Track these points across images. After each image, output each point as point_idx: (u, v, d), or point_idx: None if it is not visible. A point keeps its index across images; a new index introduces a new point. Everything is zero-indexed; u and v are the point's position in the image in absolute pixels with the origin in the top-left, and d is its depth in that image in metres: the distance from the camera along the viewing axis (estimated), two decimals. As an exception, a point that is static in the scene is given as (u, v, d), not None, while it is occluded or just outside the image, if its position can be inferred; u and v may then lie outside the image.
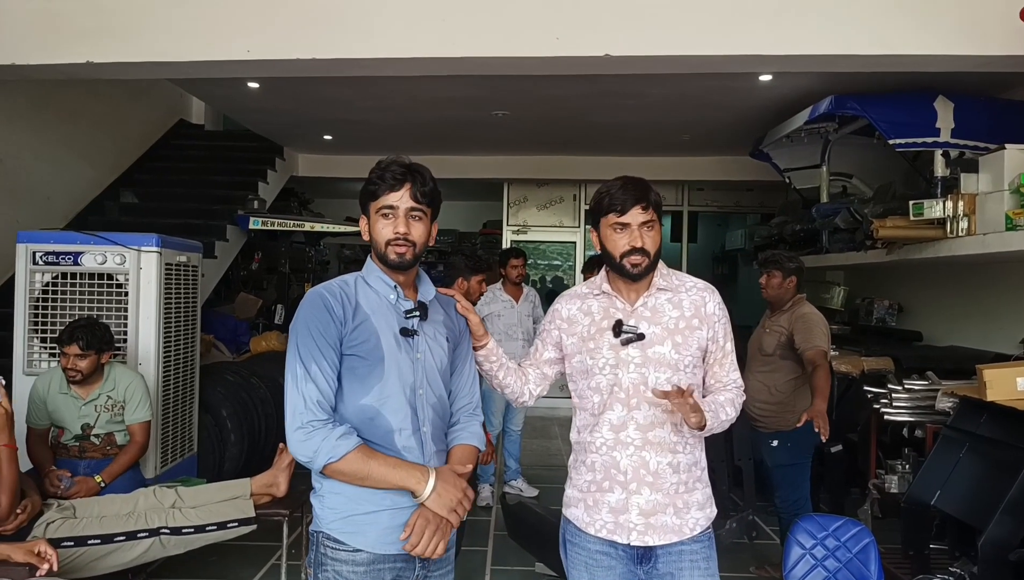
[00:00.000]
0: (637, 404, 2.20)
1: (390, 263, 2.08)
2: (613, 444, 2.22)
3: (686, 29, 4.22)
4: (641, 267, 2.20)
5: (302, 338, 2.00)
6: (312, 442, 1.93)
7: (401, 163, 2.09)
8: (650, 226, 2.21)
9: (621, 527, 2.20)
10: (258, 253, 8.36)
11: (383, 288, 2.11)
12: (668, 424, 2.20)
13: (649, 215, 2.20)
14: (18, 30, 4.34)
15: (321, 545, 2.05)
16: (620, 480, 2.21)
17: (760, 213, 10.74)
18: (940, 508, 3.96)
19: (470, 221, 12.75)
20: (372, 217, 2.10)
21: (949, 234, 4.76)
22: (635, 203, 2.19)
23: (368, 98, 6.77)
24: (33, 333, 4.57)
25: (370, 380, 2.03)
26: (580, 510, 2.29)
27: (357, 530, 2.02)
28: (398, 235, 2.06)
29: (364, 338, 2.03)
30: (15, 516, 3.25)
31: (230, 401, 5.65)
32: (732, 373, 2.33)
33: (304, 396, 1.96)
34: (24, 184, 6.64)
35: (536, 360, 2.42)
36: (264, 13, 4.31)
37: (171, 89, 8.77)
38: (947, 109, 5.34)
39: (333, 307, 2.02)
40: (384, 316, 2.08)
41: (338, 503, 2.03)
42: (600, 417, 2.24)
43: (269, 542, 4.50)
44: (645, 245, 2.19)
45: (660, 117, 7.32)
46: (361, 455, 1.95)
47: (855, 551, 2.95)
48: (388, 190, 2.06)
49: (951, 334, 6.24)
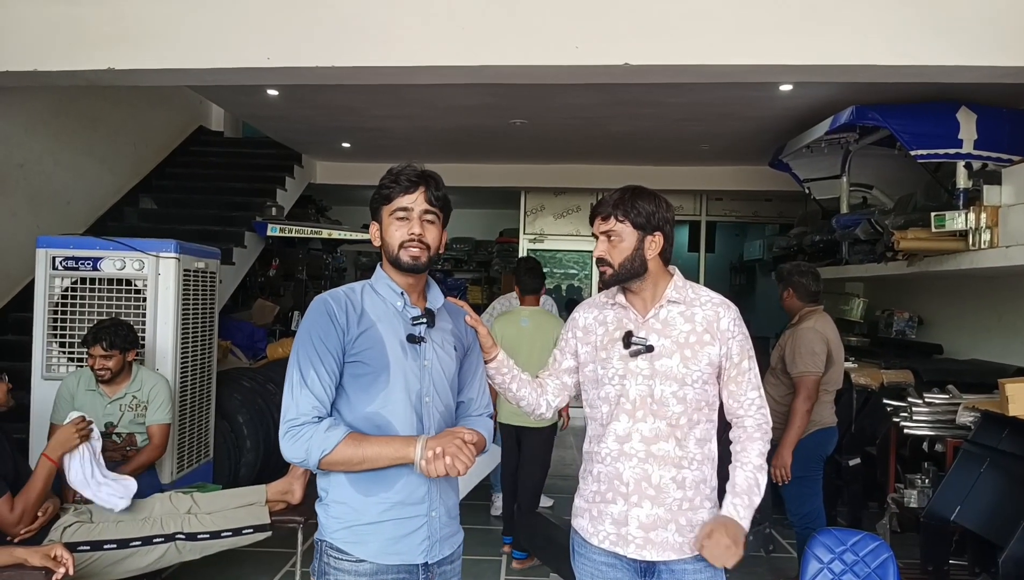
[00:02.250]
0: (643, 416, 2.18)
1: (403, 265, 2.06)
2: (617, 455, 2.20)
3: (706, 38, 4.19)
4: (605, 276, 2.27)
5: (303, 345, 2.01)
6: (301, 441, 1.93)
7: (414, 168, 2.10)
8: (610, 236, 2.24)
9: (622, 539, 2.19)
10: (276, 260, 8.39)
11: (390, 295, 2.10)
12: (673, 439, 2.18)
13: (609, 225, 2.23)
14: (40, 37, 4.38)
15: (324, 554, 2.06)
16: (622, 492, 2.19)
17: (779, 223, 10.69)
18: (960, 523, 3.92)
19: (486, 229, 12.76)
20: (385, 221, 2.10)
21: (971, 246, 4.72)
22: (595, 215, 2.28)
23: (386, 106, 6.79)
24: (52, 338, 4.60)
25: (375, 387, 2.02)
26: (585, 520, 2.28)
27: (360, 540, 2.02)
28: (413, 236, 2.05)
29: (369, 345, 2.02)
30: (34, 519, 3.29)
31: (246, 407, 5.66)
32: (750, 392, 2.25)
33: (297, 402, 1.96)
34: (45, 190, 6.69)
35: (555, 370, 2.42)
36: (284, 21, 4.33)
37: (191, 96, 8.83)
38: (970, 120, 5.29)
39: (336, 314, 2.02)
40: (390, 323, 2.07)
41: (342, 512, 2.03)
42: (607, 427, 2.24)
43: (284, 548, 4.50)
44: (604, 255, 2.25)
45: (679, 126, 7.29)
46: (352, 441, 1.94)
47: (873, 566, 2.91)
48: (402, 193, 2.06)
49: (972, 347, 6.17)
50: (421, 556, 2.05)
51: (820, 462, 4.34)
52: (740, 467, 2.24)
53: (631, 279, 2.24)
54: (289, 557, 4.56)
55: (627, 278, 2.24)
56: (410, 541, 2.04)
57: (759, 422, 2.26)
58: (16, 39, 4.37)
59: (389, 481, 2.01)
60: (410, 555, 2.04)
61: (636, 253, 2.22)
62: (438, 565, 2.10)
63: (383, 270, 2.14)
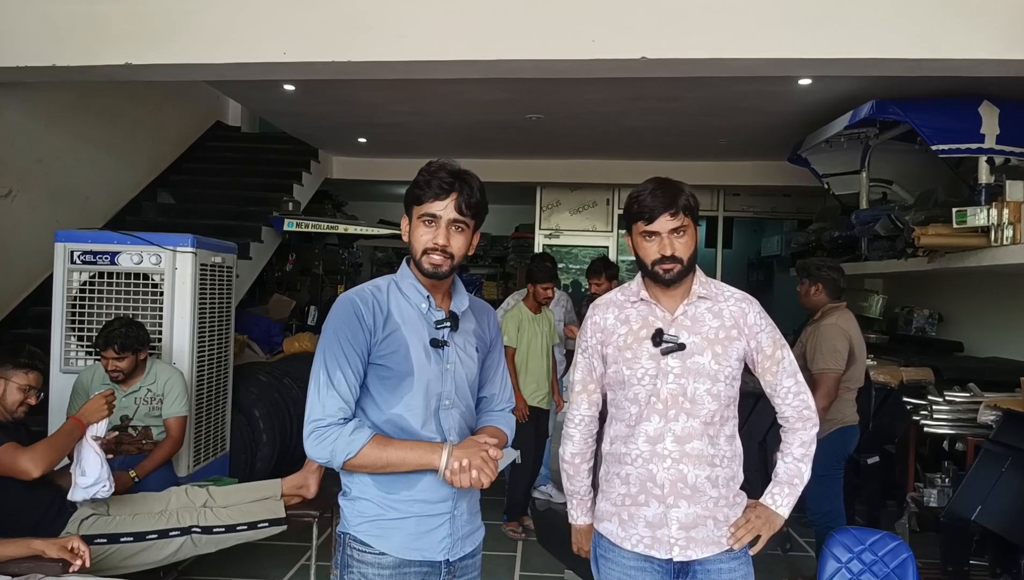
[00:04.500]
0: (675, 415, 2.14)
1: (424, 272, 2.04)
2: (649, 456, 2.16)
3: (724, 32, 4.15)
4: (673, 273, 2.15)
5: (329, 344, 1.99)
6: (326, 443, 1.93)
7: (450, 169, 2.02)
8: (680, 232, 2.14)
9: (660, 542, 2.15)
10: (292, 255, 8.41)
11: (415, 296, 2.08)
12: (706, 437, 2.15)
13: (679, 221, 2.13)
14: (59, 32, 4.40)
15: (348, 547, 2.05)
16: (657, 494, 2.15)
17: (797, 219, 10.60)
18: (981, 523, 3.87)
19: (502, 225, 12.72)
20: (413, 221, 2.06)
21: (993, 242, 4.65)
22: (663, 210, 2.13)
23: (403, 101, 6.78)
24: (70, 331, 4.63)
25: (400, 390, 2.01)
26: (614, 524, 2.23)
27: (383, 534, 2.02)
28: (436, 246, 2.01)
29: (394, 349, 2.01)
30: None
31: (263, 401, 5.68)
32: (786, 381, 2.24)
33: (323, 403, 1.95)
34: (64, 184, 6.73)
35: (595, 378, 2.32)
36: (300, 16, 4.33)
37: (208, 91, 8.85)
38: (992, 115, 5.23)
39: (364, 315, 2.00)
40: (415, 326, 2.05)
41: (366, 508, 2.03)
42: (636, 428, 2.18)
43: (299, 542, 4.51)
44: (676, 252, 2.14)
45: (696, 121, 7.24)
46: (377, 445, 1.94)
47: (892, 566, 2.88)
48: (433, 198, 2.00)
49: (993, 345, 6.10)
50: (442, 554, 2.06)
51: (842, 461, 4.30)
52: (782, 458, 2.26)
53: (688, 274, 2.19)
54: (305, 551, 4.56)
55: (687, 274, 2.18)
56: (432, 538, 2.04)
57: (799, 410, 2.25)
58: (34, 34, 4.40)
59: (412, 480, 2.01)
60: (431, 552, 2.04)
61: (695, 247, 2.19)
62: (459, 560, 2.10)
63: (409, 268, 2.11)
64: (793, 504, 2.24)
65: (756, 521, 2.20)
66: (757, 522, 2.20)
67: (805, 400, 2.25)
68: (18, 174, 6.15)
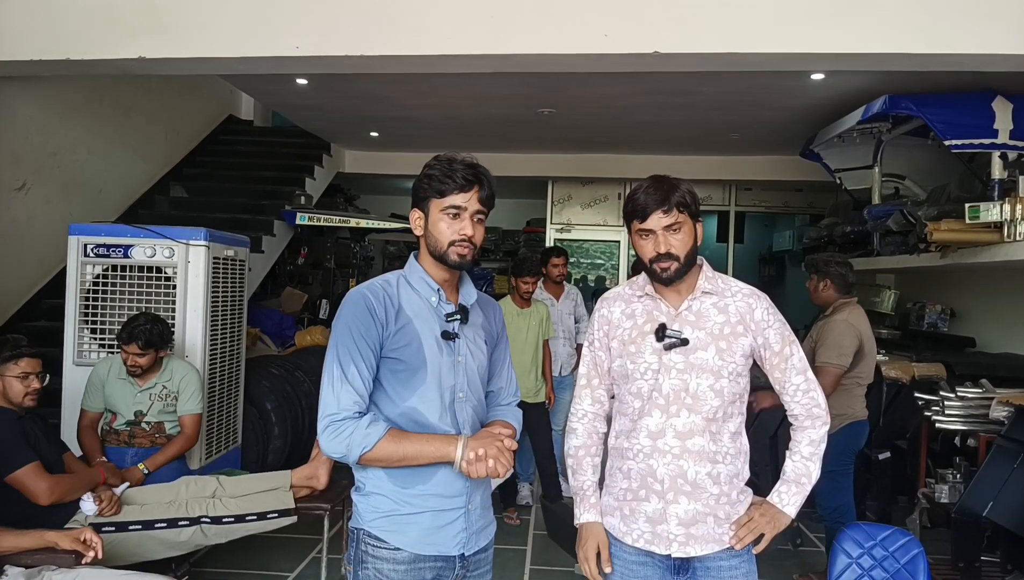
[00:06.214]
0: (677, 411, 2.14)
1: (450, 263, 2.04)
2: (650, 451, 2.15)
3: (737, 26, 4.13)
4: (670, 270, 2.14)
5: (342, 339, 1.99)
6: (342, 437, 1.93)
7: (468, 163, 2.04)
8: (675, 229, 2.13)
9: (659, 537, 2.15)
10: (304, 248, 8.43)
11: (425, 290, 2.09)
12: (707, 433, 2.14)
13: (672, 218, 2.12)
14: (73, 26, 4.42)
15: (362, 542, 2.06)
16: (656, 489, 2.15)
17: (809, 214, 10.55)
18: (992, 520, 3.86)
19: (513, 219, 12.72)
20: (433, 214, 2.05)
21: (1006, 238, 4.63)
22: (656, 207, 2.12)
23: (415, 95, 6.78)
24: (83, 324, 4.66)
25: (413, 383, 2.02)
26: (616, 519, 2.24)
27: (398, 529, 2.02)
28: (464, 237, 2.02)
29: (406, 342, 2.02)
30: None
31: (274, 394, 5.71)
32: (795, 378, 2.22)
33: (338, 397, 1.95)
34: (78, 178, 6.77)
35: (600, 372, 2.32)
36: (313, 10, 4.33)
37: (221, 85, 8.88)
38: (1006, 110, 5.19)
39: (375, 309, 2.00)
40: (426, 320, 2.06)
41: (380, 503, 2.04)
42: (638, 422, 2.18)
43: (311, 535, 4.54)
44: (671, 249, 2.12)
45: (708, 116, 7.22)
46: (392, 439, 1.95)
47: (903, 562, 2.87)
48: (458, 190, 2.01)
49: (1006, 340, 6.07)
50: (457, 548, 2.07)
51: (852, 456, 4.30)
52: (790, 456, 2.26)
53: (688, 271, 2.17)
54: (316, 544, 4.59)
55: (687, 271, 2.17)
56: (446, 533, 2.05)
57: (808, 407, 2.24)
58: (49, 28, 4.42)
59: (427, 475, 2.02)
60: (446, 546, 2.05)
61: (694, 243, 2.17)
62: (473, 555, 2.11)
63: (418, 262, 2.12)
64: (800, 503, 2.23)
65: (760, 520, 2.19)
66: (761, 521, 2.19)
67: (815, 398, 2.24)
68: (32, 167, 6.20)
